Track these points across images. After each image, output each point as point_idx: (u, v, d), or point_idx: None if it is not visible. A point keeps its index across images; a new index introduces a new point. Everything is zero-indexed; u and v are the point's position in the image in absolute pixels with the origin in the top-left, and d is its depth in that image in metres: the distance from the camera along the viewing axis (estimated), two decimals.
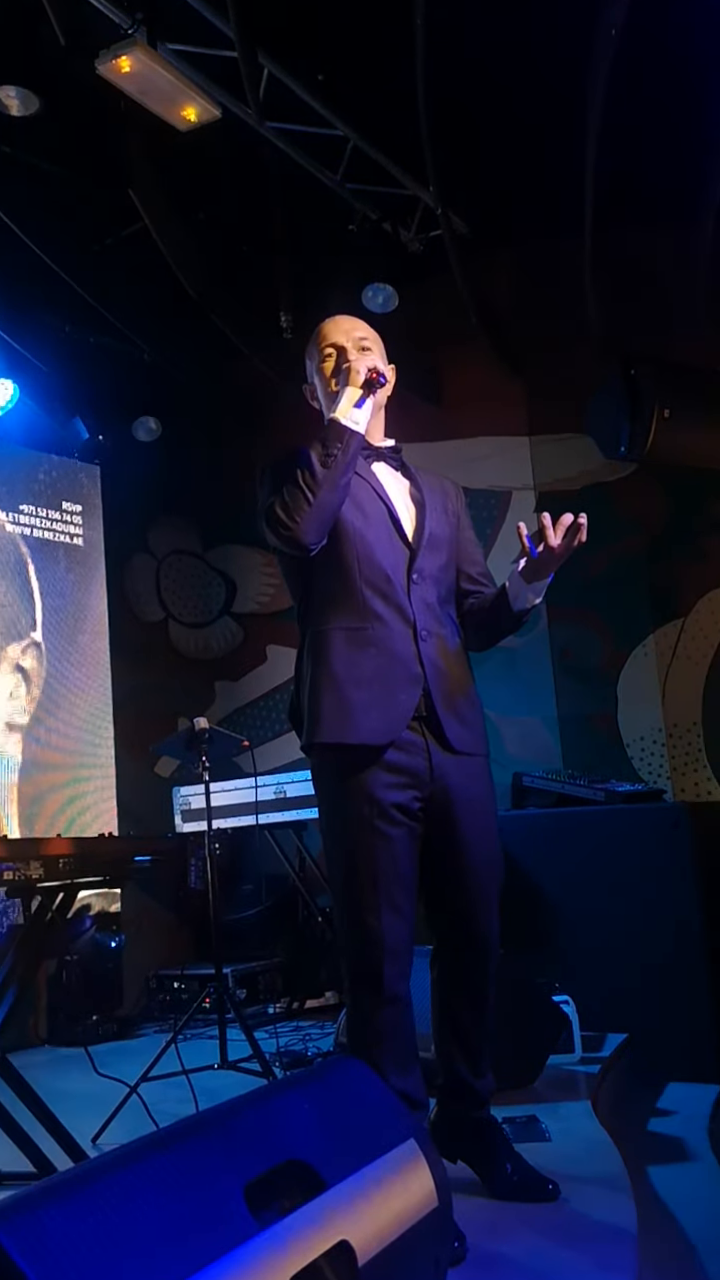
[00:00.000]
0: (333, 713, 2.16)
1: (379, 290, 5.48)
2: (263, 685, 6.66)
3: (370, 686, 2.17)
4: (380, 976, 2.15)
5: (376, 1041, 2.17)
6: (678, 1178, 2.87)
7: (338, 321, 2.45)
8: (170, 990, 5.34)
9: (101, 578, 6.33)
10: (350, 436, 2.20)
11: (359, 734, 2.14)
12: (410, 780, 2.18)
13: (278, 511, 2.14)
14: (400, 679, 2.19)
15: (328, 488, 2.16)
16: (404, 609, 2.23)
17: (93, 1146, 3.04)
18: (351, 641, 2.20)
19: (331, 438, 2.18)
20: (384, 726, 2.15)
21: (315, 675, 2.21)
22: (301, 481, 2.14)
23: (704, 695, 5.35)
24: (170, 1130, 1.43)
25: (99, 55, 4.01)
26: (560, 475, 5.69)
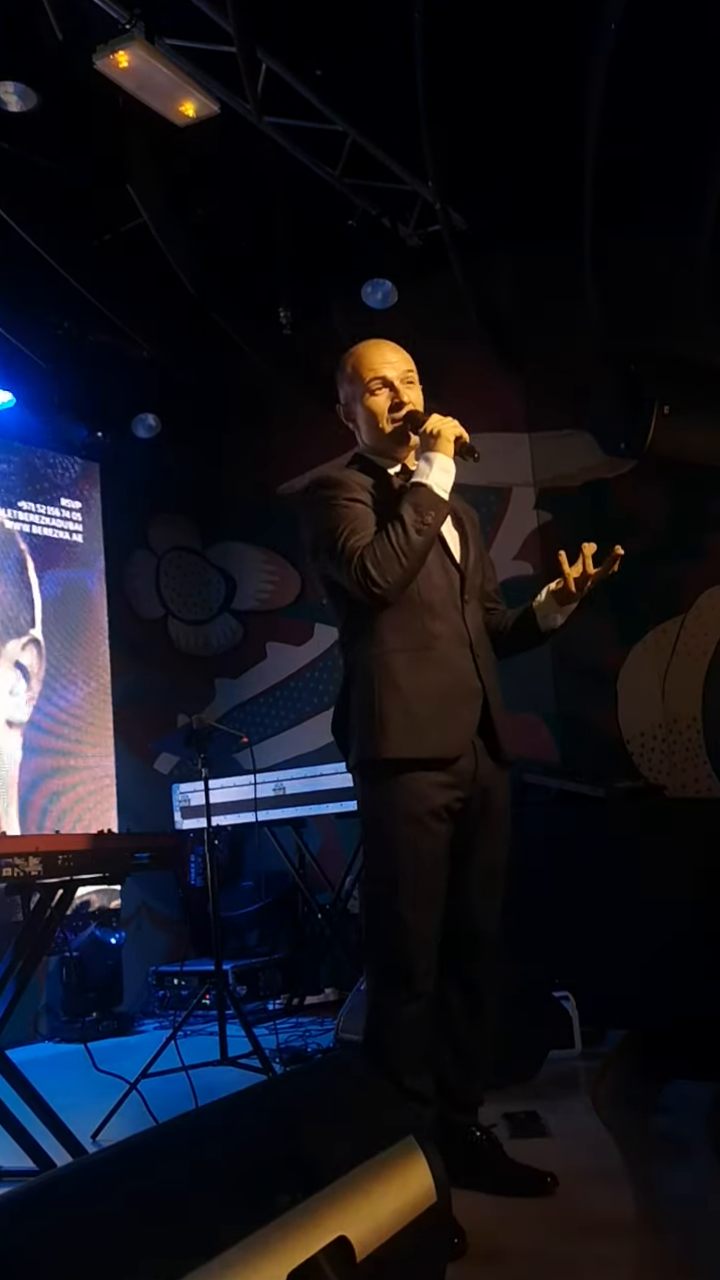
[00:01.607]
0: (401, 728, 2.25)
1: (378, 286, 5.47)
2: (262, 682, 6.66)
3: (437, 702, 2.28)
4: (413, 972, 2.22)
5: (396, 1038, 2.22)
6: (677, 1174, 2.87)
7: (382, 351, 2.48)
8: (170, 987, 5.35)
9: (101, 574, 6.33)
10: (444, 506, 2.30)
11: (429, 748, 2.25)
12: (458, 782, 2.29)
13: (370, 570, 2.21)
14: (464, 694, 2.32)
15: (420, 555, 2.26)
16: (460, 628, 2.36)
17: (92, 1143, 3.04)
18: (416, 661, 2.29)
19: (426, 505, 2.26)
20: (451, 740, 2.28)
21: (381, 693, 2.28)
22: (396, 546, 2.22)
23: (704, 691, 5.34)
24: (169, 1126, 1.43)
25: (97, 51, 4.00)
26: (560, 472, 5.68)
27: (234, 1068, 3.63)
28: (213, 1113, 1.49)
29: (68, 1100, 2.99)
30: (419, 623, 2.31)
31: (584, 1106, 3.00)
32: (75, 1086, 3.56)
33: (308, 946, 5.68)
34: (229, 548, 6.89)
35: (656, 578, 5.37)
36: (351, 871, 5.40)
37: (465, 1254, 2.00)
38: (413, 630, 2.30)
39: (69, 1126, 2.79)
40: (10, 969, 2.86)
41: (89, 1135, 3.09)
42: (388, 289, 5.47)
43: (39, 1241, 1.11)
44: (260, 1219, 1.27)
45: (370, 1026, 2.27)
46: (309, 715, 6.41)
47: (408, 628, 2.30)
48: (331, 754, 5.70)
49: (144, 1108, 3.10)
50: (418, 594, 2.31)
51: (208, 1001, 3.93)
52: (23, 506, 5.96)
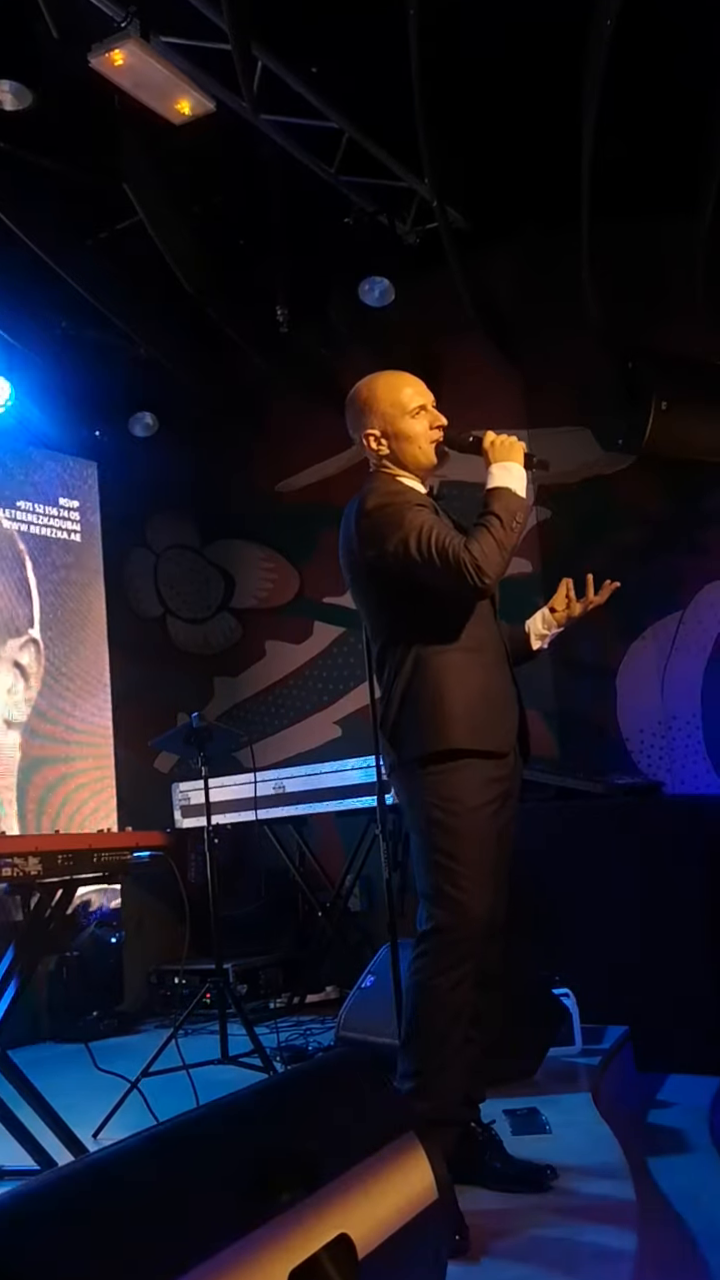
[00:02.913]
0: (468, 721, 2.41)
1: (376, 283, 5.47)
2: (262, 680, 6.66)
3: (493, 702, 2.48)
4: (475, 954, 2.36)
5: (454, 1018, 2.33)
6: (678, 1169, 2.87)
7: (412, 381, 2.62)
8: (171, 986, 5.34)
9: (99, 573, 6.32)
10: (526, 509, 2.50)
11: (493, 741, 2.45)
12: (506, 776, 2.48)
13: (478, 562, 2.35)
14: (508, 696, 2.53)
15: (512, 551, 2.45)
16: (498, 636, 2.56)
17: (94, 1142, 3.05)
18: (473, 663, 2.47)
19: (515, 507, 2.45)
20: (506, 737, 2.49)
21: (442, 689, 2.43)
22: (498, 540, 2.39)
23: (703, 687, 5.34)
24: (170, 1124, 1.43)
25: (92, 49, 4.00)
26: (559, 468, 5.67)
27: (235, 1066, 3.63)
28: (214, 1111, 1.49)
29: (69, 1099, 3.00)
30: (470, 628, 2.48)
31: (584, 1103, 3.00)
32: (76, 1086, 3.56)
33: (308, 945, 5.68)
34: (227, 546, 6.88)
35: (655, 573, 5.37)
36: (352, 869, 5.41)
37: (467, 1250, 2.01)
38: (468, 634, 2.48)
39: (70, 1125, 2.79)
40: (11, 968, 2.86)
41: (90, 1134, 3.09)
42: (385, 286, 5.47)
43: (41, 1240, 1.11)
44: (261, 1217, 1.27)
45: (420, 1007, 2.36)
46: (309, 713, 6.40)
47: (459, 630, 2.47)
48: (332, 752, 5.72)
49: (145, 1107, 3.10)
50: (464, 605, 2.48)
51: (208, 1000, 3.94)
52: (21, 506, 5.96)
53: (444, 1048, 2.32)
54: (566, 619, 2.70)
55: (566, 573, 2.65)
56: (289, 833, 5.60)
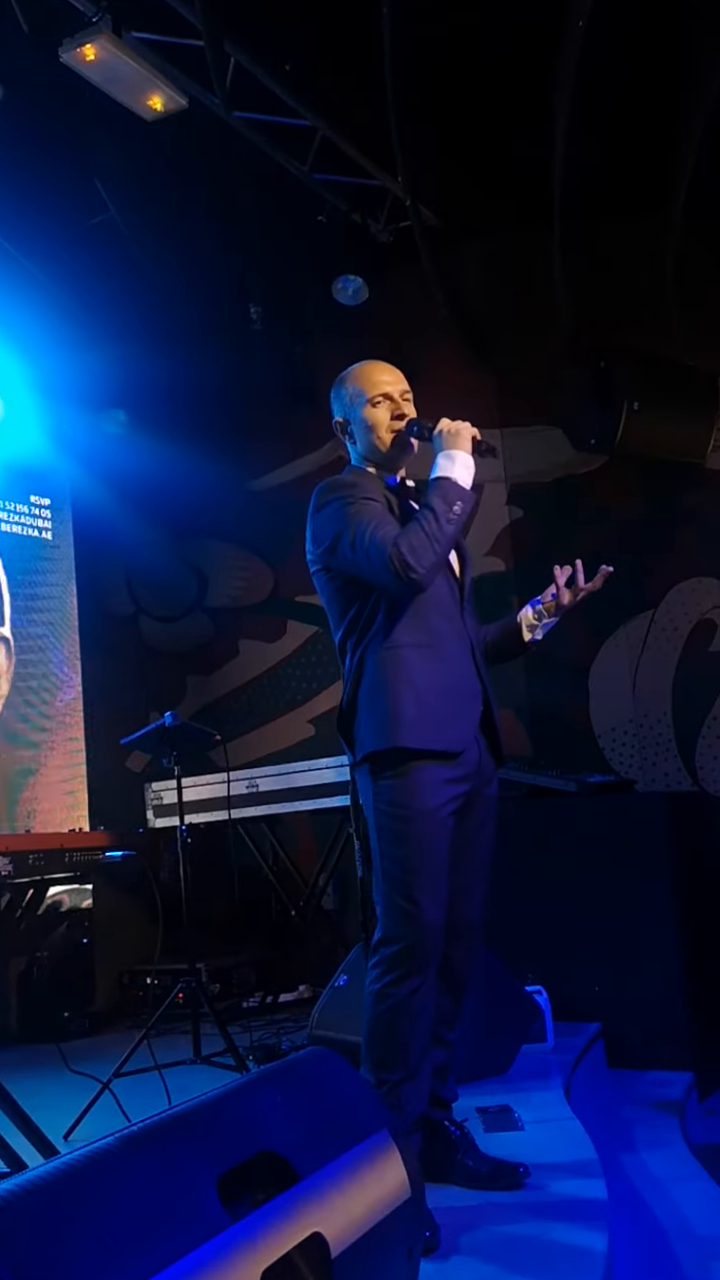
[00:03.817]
0: (417, 720, 2.34)
1: (349, 282, 5.47)
2: (235, 679, 6.64)
3: (448, 697, 2.38)
4: (427, 960, 2.31)
5: (411, 1022, 2.29)
6: (650, 1165, 2.89)
7: (380, 368, 2.57)
8: (143, 986, 5.32)
9: (71, 571, 6.28)
10: (469, 498, 2.41)
11: (444, 740, 2.35)
12: (464, 775, 2.39)
13: (406, 557, 2.29)
14: (469, 692, 2.44)
15: (449, 544, 2.37)
16: (462, 629, 2.47)
17: (65, 1143, 3.02)
18: (427, 657, 2.38)
19: (453, 496, 2.37)
20: (462, 734, 2.39)
21: (394, 686, 2.36)
22: (429, 533, 2.32)
23: (673, 686, 5.38)
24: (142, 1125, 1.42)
25: (63, 44, 3.98)
26: (532, 468, 5.70)
27: (208, 1066, 3.62)
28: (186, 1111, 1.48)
29: (40, 1100, 2.97)
30: (427, 622, 2.40)
31: (557, 1099, 3.01)
32: (47, 1086, 3.53)
33: (282, 944, 5.67)
34: (200, 544, 6.86)
35: (626, 573, 5.40)
36: (325, 869, 5.40)
37: (438, 1248, 2.01)
38: (422, 628, 2.40)
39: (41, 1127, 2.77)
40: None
41: (61, 1135, 3.07)
42: (358, 285, 5.47)
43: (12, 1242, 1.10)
44: (234, 1217, 1.26)
45: (378, 1014, 2.31)
46: (282, 712, 6.40)
47: (417, 626, 2.39)
48: (305, 751, 5.72)
49: (117, 1107, 3.09)
50: (425, 594, 2.40)
51: (181, 1000, 3.92)
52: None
53: (405, 1055, 2.27)
54: (557, 608, 2.60)
55: (539, 572, 2.61)
56: (262, 832, 5.59)
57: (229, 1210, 1.27)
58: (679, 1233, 2.41)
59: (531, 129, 4.36)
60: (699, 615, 5.35)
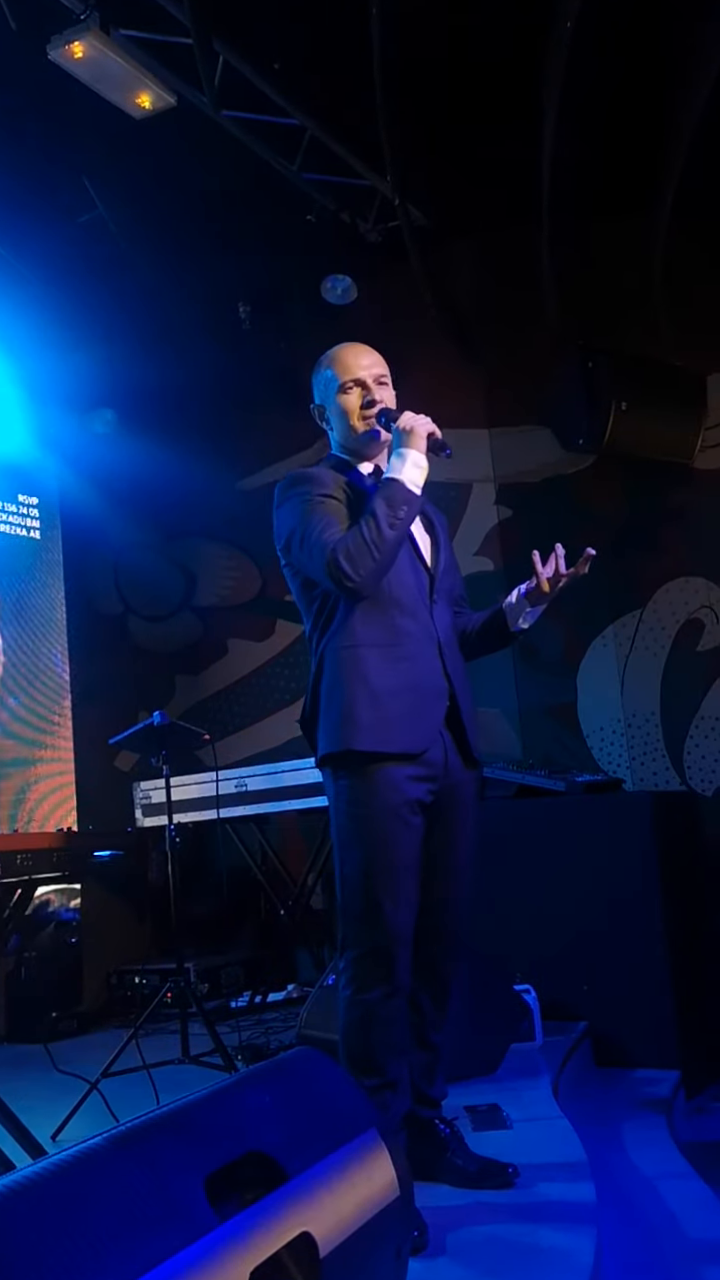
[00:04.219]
0: (371, 722, 2.27)
1: (337, 281, 5.46)
2: (224, 679, 6.63)
3: (405, 698, 2.30)
4: (393, 966, 2.24)
5: (380, 1030, 2.24)
6: (637, 1164, 2.90)
7: (355, 352, 2.50)
8: (131, 985, 5.31)
9: (59, 571, 6.26)
10: (416, 503, 2.32)
11: (397, 743, 2.28)
12: (428, 775, 2.32)
13: (343, 563, 2.23)
14: (432, 691, 2.35)
15: (392, 550, 2.28)
16: (428, 626, 2.39)
17: (52, 1143, 3.02)
18: (385, 657, 2.32)
19: (399, 500, 2.28)
20: (418, 736, 2.30)
21: (350, 688, 2.31)
22: (369, 540, 2.24)
23: (662, 686, 5.40)
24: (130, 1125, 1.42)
25: (51, 41, 3.97)
26: (520, 467, 5.71)
27: (196, 1066, 3.61)
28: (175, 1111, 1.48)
29: (27, 1101, 2.96)
30: (389, 619, 2.34)
31: (545, 1097, 3.02)
32: (35, 1087, 3.53)
33: (270, 944, 5.67)
34: (189, 544, 6.84)
35: (615, 573, 5.41)
36: (314, 868, 5.40)
37: (427, 1247, 2.01)
38: (383, 626, 2.33)
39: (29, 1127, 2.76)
40: None
41: (49, 1136, 3.06)
42: (347, 284, 5.47)
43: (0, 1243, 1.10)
44: (222, 1217, 1.26)
45: (349, 1021, 2.27)
46: (271, 711, 6.39)
47: (378, 624, 2.33)
48: (294, 750, 5.70)
49: (105, 1107, 3.08)
50: (388, 591, 2.34)
51: (169, 1000, 3.91)
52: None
53: (382, 1064, 2.22)
54: (541, 596, 2.46)
55: (528, 572, 2.52)
56: (251, 831, 5.58)
57: (217, 1210, 1.27)
58: (667, 1231, 2.41)
59: (520, 129, 4.37)
60: (687, 615, 5.37)
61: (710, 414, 5.30)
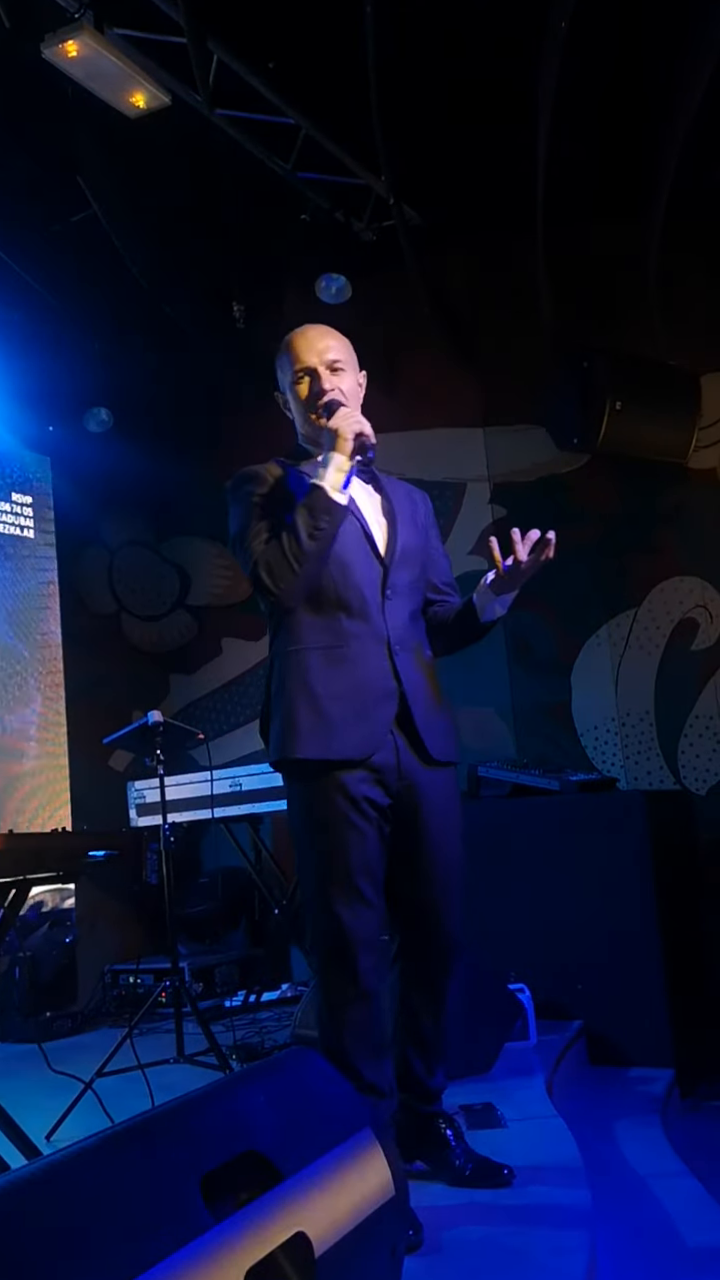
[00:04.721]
0: (312, 729, 2.21)
1: (332, 280, 5.46)
2: (218, 678, 6.62)
3: (349, 703, 2.22)
4: (355, 970, 2.18)
5: (351, 1035, 2.19)
6: (631, 1162, 2.90)
7: (308, 337, 2.41)
8: (126, 985, 5.30)
9: (53, 570, 6.26)
10: (339, 511, 2.22)
11: (339, 749, 2.20)
12: (379, 778, 2.23)
13: (264, 577, 2.18)
14: (376, 695, 2.25)
15: (314, 559, 2.20)
16: (378, 626, 2.28)
17: (47, 1143, 3.02)
18: (328, 660, 2.24)
19: (320, 509, 2.19)
20: (362, 742, 2.22)
21: (292, 693, 2.25)
22: (289, 552, 2.17)
23: (656, 685, 5.40)
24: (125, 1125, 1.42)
25: (45, 39, 3.96)
26: (514, 467, 5.71)
27: (191, 1065, 3.61)
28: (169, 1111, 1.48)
29: (22, 1100, 2.96)
30: (334, 621, 2.26)
31: (539, 1096, 3.02)
32: (29, 1086, 3.52)
33: (265, 943, 5.67)
34: (183, 542, 6.84)
35: (609, 572, 5.42)
36: None
37: (422, 1246, 2.01)
38: (327, 629, 2.26)
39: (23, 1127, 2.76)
40: None
41: (43, 1136, 3.06)
42: (341, 284, 5.47)
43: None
44: (217, 1216, 1.26)
45: (322, 1024, 2.25)
46: None
47: (322, 626, 2.26)
48: None
49: (99, 1107, 3.08)
50: (335, 592, 2.26)
51: (164, 999, 3.91)
52: None
53: (358, 1069, 2.17)
54: (503, 585, 2.34)
55: None
56: (245, 831, 5.58)
57: (212, 1210, 1.27)
58: (661, 1230, 2.42)
59: (515, 128, 4.37)
60: (681, 614, 5.37)
61: (704, 414, 5.31)
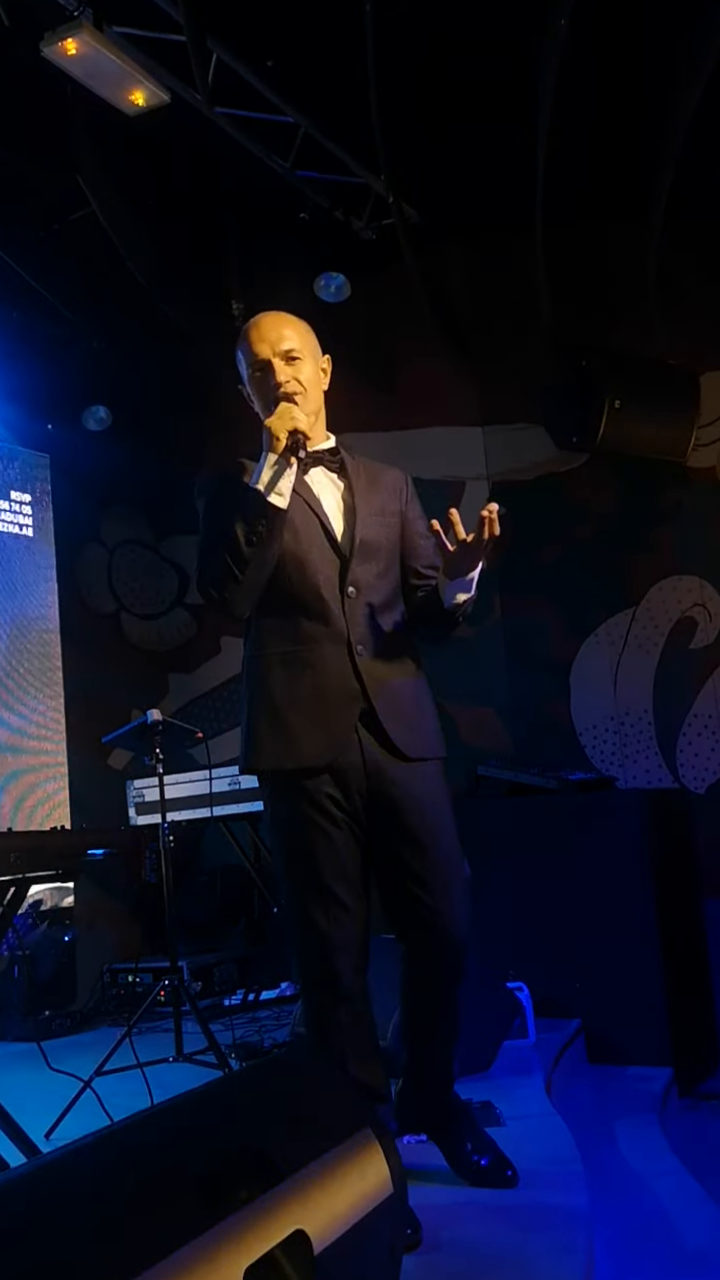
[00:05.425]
0: (272, 738, 2.17)
1: (331, 279, 5.46)
2: (217, 677, 6.63)
3: (307, 708, 2.17)
4: (334, 974, 2.15)
5: (338, 1037, 2.17)
6: (630, 1160, 2.91)
7: (261, 328, 2.29)
8: (124, 984, 5.30)
9: (52, 569, 6.26)
10: (275, 514, 2.14)
11: (299, 758, 2.16)
12: (346, 781, 2.17)
13: (208, 588, 2.13)
14: (338, 698, 2.18)
15: (255, 565, 2.12)
16: (338, 625, 2.20)
17: (46, 1142, 3.02)
18: (287, 665, 2.19)
19: (255, 515, 2.12)
20: (323, 748, 2.16)
21: (254, 701, 2.22)
22: (230, 560, 2.10)
23: (654, 684, 5.40)
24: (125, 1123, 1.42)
25: (44, 37, 3.95)
26: (513, 465, 5.71)
27: (190, 1064, 3.61)
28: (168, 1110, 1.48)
29: (21, 1099, 2.96)
30: (293, 624, 2.20)
31: (537, 1095, 3.02)
32: (28, 1085, 3.52)
33: (264, 941, 5.67)
34: (182, 541, 6.84)
35: (608, 571, 5.42)
36: None
37: (420, 1245, 2.02)
38: (285, 632, 2.20)
39: (22, 1125, 2.76)
40: None
41: (42, 1134, 3.06)
42: (341, 283, 5.47)
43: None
44: (217, 1215, 1.26)
45: (309, 1026, 2.24)
46: None
47: (282, 630, 2.21)
48: None
49: (98, 1106, 3.08)
50: (292, 593, 2.20)
51: (163, 998, 3.91)
52: None
53: (339, 1061, 2.13)
54: (452, 568, 2.24)
55: (521, 569, 2.42)
56: (244, 829, 5.58)
57: (212, 1208, 1.27)
58: (660, 1229, 2.42)
59: (514, 127, 4.37)
60: (680, 613, 5.38)
61: (703, 413, 5.31)
